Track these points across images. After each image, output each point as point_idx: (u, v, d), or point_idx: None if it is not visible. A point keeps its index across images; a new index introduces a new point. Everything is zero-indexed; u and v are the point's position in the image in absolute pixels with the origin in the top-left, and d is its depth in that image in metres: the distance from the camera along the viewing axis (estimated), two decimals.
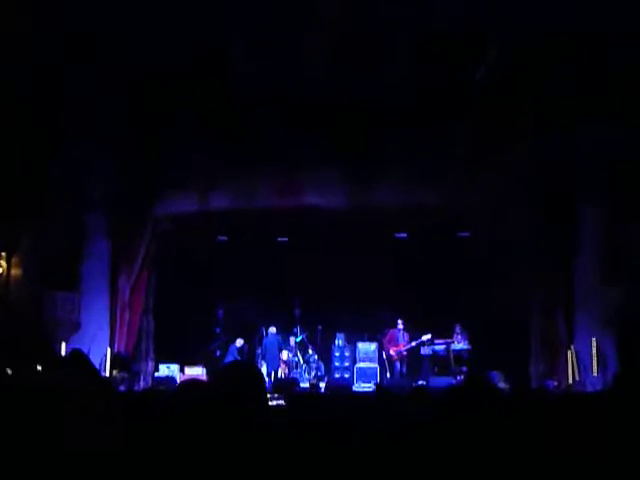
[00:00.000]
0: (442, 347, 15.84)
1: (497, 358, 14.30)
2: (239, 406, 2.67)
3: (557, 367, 13.89)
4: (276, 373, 16.34)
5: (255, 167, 14.34)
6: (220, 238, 17.01)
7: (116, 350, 14.26)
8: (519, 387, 13.12)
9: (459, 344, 15.90)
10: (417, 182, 14.26)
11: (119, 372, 13.65)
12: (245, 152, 13.87)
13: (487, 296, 15.18)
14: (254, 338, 17.08)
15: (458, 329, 16.03)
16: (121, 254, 14.73)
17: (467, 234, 16.40)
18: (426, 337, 15.90)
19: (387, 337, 16.34)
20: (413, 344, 16.04)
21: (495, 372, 14.22)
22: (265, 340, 16.60)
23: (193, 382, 3.09)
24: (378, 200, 14.69)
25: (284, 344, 16.95)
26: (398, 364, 16.12)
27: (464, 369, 15.40)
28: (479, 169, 13.68)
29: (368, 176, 14.29)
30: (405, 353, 16.15)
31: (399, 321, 16.24)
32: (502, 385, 14.01)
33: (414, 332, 16.19)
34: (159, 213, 15.28)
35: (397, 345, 16.17)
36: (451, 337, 15.92)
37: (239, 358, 15.77)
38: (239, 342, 16.69)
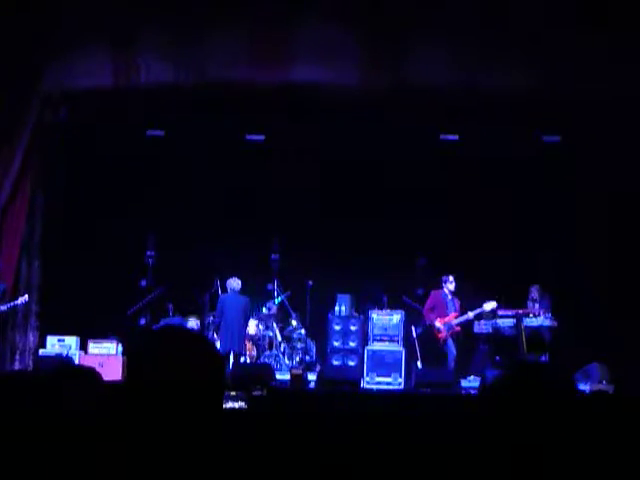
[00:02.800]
0: (509, 322, 16.12)
1: (598, 342, 15.17)
2: (171, 413, 2.68)
3: None
4: (237, 357, 16.31)
5: (213, 15, 14.69)
6: (151, 132, 17.46)
7: None
8: (628, 390, 13.42)
9: (537, 318, 16.05)
10: (478, 48, 14.72)
11: None
12: None
13: (586, 243, 16.02)
14: (202, 296, 17.34)
15: (535, 293, 16.38)
16: None
17: (557, 139, 17.06)
18: (490, 305, 16.20)
19: (429, 302, 16.62)
20: (470, 315, 16.35)
21: (594, 364, 14.99)
22: (221, 301, 16.49)
23: (86, 373, 3.59)
24: (414, 77, 15.25)
25: (253, 309, 17.13)
26: (449, 344, 16.34)
27: (544, 358, 15.67)
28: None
29: (399, 36, 14.73)
30: (458, 328, 16.43)
31: (448, 278, 16.60)
32: (604, 385, 14.47)
33: (467, 297, 16.54)
34: (49, 88, 15.72)
35: (446, 315, 16.41)
36: (524, 306, 16.19)
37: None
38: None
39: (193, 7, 14.59)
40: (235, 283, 16.42)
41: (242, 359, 16.59)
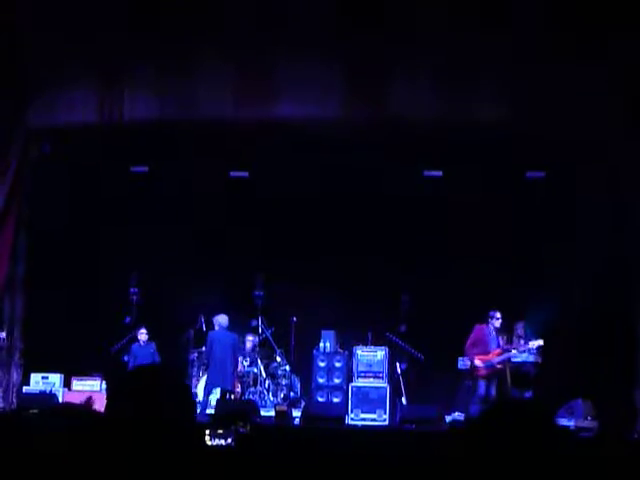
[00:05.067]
0: (500, 358, 15.95)
1: (582, 378, 15.18)
2: (149, 450, 2.72)
3: None
4: (224, 395, 16.18)
5: (198, 52, 14.91)
6: (136, 169, 17.43)
7: None
8: (612, 429, 13.42)
9: (521, 354, 16.08)
10: (462, 81, 14.76)
11: None
12: (181, 24, 14.48)
13: (570, 277, 15.81)
14: (186, 333, 17.30)
15: (520, 330, 16.46)
16: None
17: (541, 174, 17.01)
18: (536, 343, 15.90)
19: (472, 337, 16.02)
20: (514, 352, 16.01)
21: (579, 401, 14.91)
22: (210, 338, 16.39)
23: (70, 408, 3.34)
24: (398, 110, 15.05)
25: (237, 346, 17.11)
26: (483, 384, 15.82)
27: (527, 394, 15.72)
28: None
29: (383, 70, 14.86)
30: (500, 366, 15.90)
31: (495, 314, 16.00)
32: (588, 422, 14.44)
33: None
34: (35, 124, 15.62)
35: (488, 352, 15.91)
36: (510, 342, 16.20)
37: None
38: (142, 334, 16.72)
39: (178, 44, 14.69)
40: (223, 319, 16.37)
41: (232, 396, 16.49)
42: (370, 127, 15.43)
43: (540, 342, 15.86)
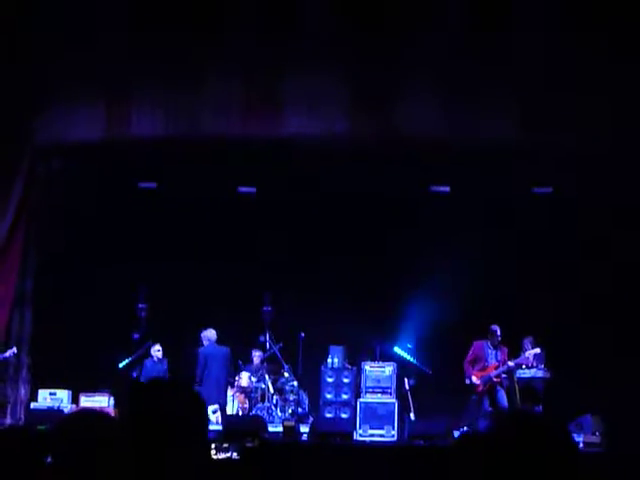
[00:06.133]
0: (497, 372, 15.90)
1: (592, 394, 14.99)
2: (159, 458, 2.75)
3: None
4: (222, 410, 16.14)
5: (205, 68, 14.94)
6: (143, 184, 17.44)
7: None
8: (620, 445, 13.40)
9: (530, 369, 16.10)
10: (467, 97, 14.82)
11: None
12: (187, 40, 14.53)
13: (577, 291, 15.96)
14: (185, 349, 17.13)
15: (528, 344, 16.26)
16: None
17: (549, 190, 17.04)
18: (533, 352, 15.95)
19: (470, 354, 16.12)
20: (511, 364, 15.93)
21: (588, 416, 14.89)
22: (202, 354, 16.23)
23: (89, 414, 3.57)
24: (406, 128, 15.07)
25: (245, 362, 17.23)
26: (487, 400, 15.86)
27: (537, 409, 15.53)
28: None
29: (388, 87, 14.91)
30: (497, 379, 15.94)
31: (490, 328, 16.03)
32: (597, 438, 14.37)
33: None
34: (42, 141, 15.59)
35: (485, 367, 15.94)
36: (517, 357, 16.13)
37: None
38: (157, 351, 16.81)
39: (186, 61, 14.73)
40: (211, 334, 16.33)
41: (235, 410, 16.57)
42: (376, 143, 15.47)
43: (537, 350, 15.90)
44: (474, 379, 15.85)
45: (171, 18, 14.56)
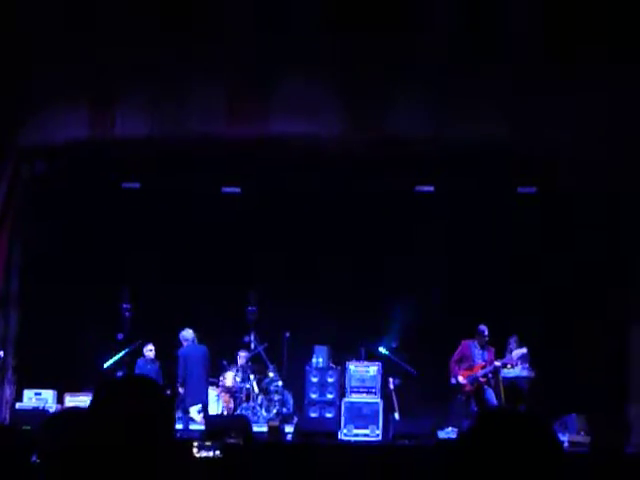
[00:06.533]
0: (484, 371, 15.95)
1: (576, 393, 15.22)
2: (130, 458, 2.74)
3: None
4: (205, 409, 16.13)
5: (190, 68, 14.95)
6: (127, 185, 17.46)
7: None
8: (604, 444, 13.43)
9: (514, 368, 16.16)
10: (459, 96, 14.83)
11: None
12: (172, 41, 14.57)
13: (562, 290, 16.00)
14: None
15: (513, 344, 16.35)
16: None
17: (532, 190, 17.07)
18: (519, 352, 16.08)
19: (457, 353, 16.09)
20: (497, 364, 15.94)
21: (573, 416, 14.99)
22: (183, 355, 16.12)
23: (74, 412, 3.65)
24: (393, 128, 15.05)
25: (230, 362, 17.24)
26: (488, 395, 15.85)
27: (521, 409, 15.42)
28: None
29: (376, 90, 14.89)
30: (483, 379, 15.92)
31: (482, 328, 15.97)
32: (581, 437, 14.40)
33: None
34: (26, 142, 15.62)
35: (472, 367, 15.93)
36: (502, 356, 16.18)
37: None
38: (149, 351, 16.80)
39: (171, 62, 14.75)
40: (189, 334, 16.21)
41: (220, 410, 16.59)
42: (364, 144, 15.47)
43: (524, 350, 15.98)
44: (460, 379, 15.85)
45: (155, 18, 14.53)
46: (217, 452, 10.63)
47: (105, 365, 16.57)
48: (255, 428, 14.86)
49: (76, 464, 2.92)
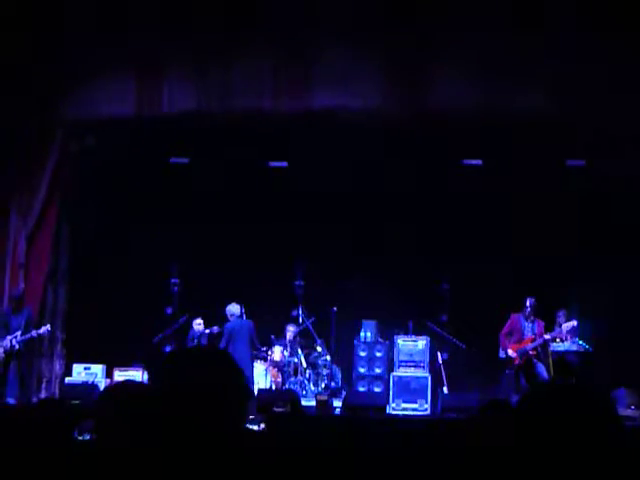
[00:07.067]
0: (533, 344, 15.86)
1: (627, 367, 15.14)
2: (198, 425, 2.77)
3: None
4: (248, 383, 16.08)
5: (236, 42, 14.96)
6: (175, 160, 17.47)
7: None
8: None
9: (564, 342, 16.05)
10: (504, 70, 14.69)
11: None
12: (219, 15, 14.60)
13: (612, 263, 15.81)
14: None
15: (562, 317, 16.18)
16: (11, 185, 15.55)
17: (581, 163, 16.93)
18: (569, 325, 15.86)
19: (506, 327, 16.04)
20: (547, 337, 15.82)
21: (622, 390, 14.68)
22: (227, 330, 16.26)
23: (126, 385, 3.62)
24: (438, 102, 15.06)
25: (277, 336, 17.29)
26: (522, 375, 15.80)
27: (571, 382, 15.12)
28: None
29: (420, 60, 14.89)
30: (532, 352, 15.85)
31: (527, 301, 15.88)
32: (631, 411, 14.33)
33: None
34: (71, 116, 15.76)
35: (521, 340, 15.88)
36: (551, 330, 16.04)
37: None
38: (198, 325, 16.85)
39: (217, 35, 14.80)
40: (235, 309, 16.38)
41: (269, 384, 16.63)
42: (408, 117, 15.40)
43: (573, 323, 15.79)
44: (510, 352, 15.76)
45: None
46: (262, 425, 10.60)
47: (154, 340, 16.70)
48: (303, 402, 14.94)
49: (142, 435, 3.06)
